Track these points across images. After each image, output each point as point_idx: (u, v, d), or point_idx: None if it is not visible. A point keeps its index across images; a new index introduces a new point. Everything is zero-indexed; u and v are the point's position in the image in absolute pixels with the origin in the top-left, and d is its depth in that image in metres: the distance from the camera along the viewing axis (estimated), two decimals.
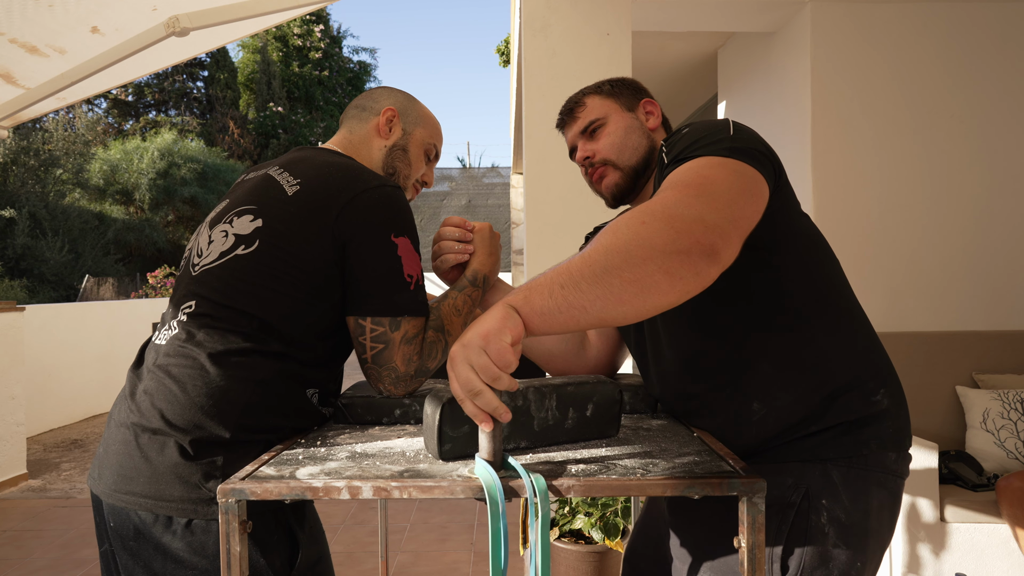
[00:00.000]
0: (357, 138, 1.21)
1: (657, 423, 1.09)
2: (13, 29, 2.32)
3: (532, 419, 0.92)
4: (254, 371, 0.98)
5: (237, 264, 1.01)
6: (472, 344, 0.73)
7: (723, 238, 0.77)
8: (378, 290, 1.03)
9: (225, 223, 1.06)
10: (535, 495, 0.75)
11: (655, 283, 0.73)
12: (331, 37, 24.26)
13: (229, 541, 0.78)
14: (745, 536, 0.76)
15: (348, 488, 0.78)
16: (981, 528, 2.14)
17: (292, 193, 1.03)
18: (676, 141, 0.98)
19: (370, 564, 2.83)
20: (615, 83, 1.21)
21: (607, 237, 0.76)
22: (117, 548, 0.97)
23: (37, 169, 15.31)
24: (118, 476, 0.95)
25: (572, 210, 2.71)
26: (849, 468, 0.94)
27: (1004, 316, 2.83)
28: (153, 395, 0.97)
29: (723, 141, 0.92)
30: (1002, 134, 2.85)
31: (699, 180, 0.84)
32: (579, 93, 1.22)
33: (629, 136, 1.16)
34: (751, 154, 0.91)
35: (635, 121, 1.17)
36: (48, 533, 3.29)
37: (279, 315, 1.00)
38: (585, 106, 1.19)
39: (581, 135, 1.20)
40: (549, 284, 0.74)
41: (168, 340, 1.02)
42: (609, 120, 1.17)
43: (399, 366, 1.05)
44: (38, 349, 5.41)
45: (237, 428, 0.96)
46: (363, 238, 1.01)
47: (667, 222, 0.76)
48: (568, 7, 2.73)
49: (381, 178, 1.07)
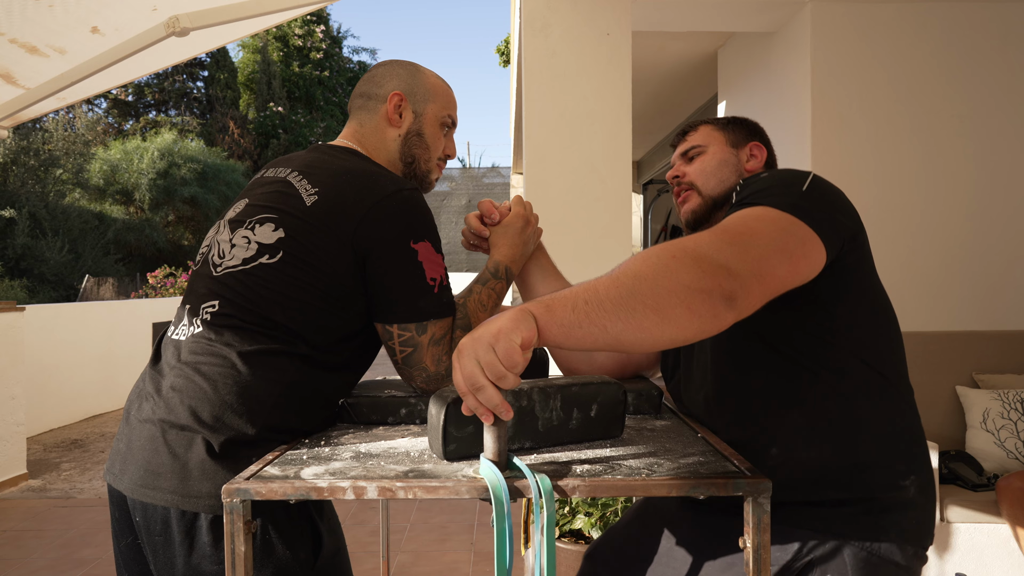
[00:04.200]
0: (368, 131, 1.19)
1: (661, 424, 1.09)
2: (13, 29, 2.32)
3: (536, 419, 0.92)
4: (283, 372, 0.99)
5: (262, 272, 1.02)
6: (482, 340, 0.73)
7: (743, 289, 0.78)
8: (402, 298, 1.04)
9: (247, 229, 1.06)
10: (540, 495, 0.75)
11: (675, 316, 0.74)
12: (332, 37, 24.26)
13: (234, 541, 0.78)
14: (750, 536, 0.75)
15: (353, 488, 0.78)
16: (981, 528, 2.14)
17: (310, 204, 1.04)
18: (752, 182, 0.99)
19: (370, 564, 2.83)
20: (734, 120, 1.24)
21: (638, 264, 0.77)
22: (144, 542, 0.99)
23: (37, 169, 15.30)
24: (144, 472, 0.96)
25: (572, 210, 2.72)
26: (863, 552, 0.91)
27: (1004, 316, 2.83)
28: (182, 392, 0.98)
29: (791, 196, 0.92)
30: (1003, 134, 2.85)
31: (741, 228, 0.85)
32: (697, 120, 1.27)
33: (721, 169, 1.19)
34: (814, 215, 0.89)
35: (733, 157, 1.20)
36: (48, 533, 3.29)
37: (305, 322, 1.01)
38: (696, 131, 1.24)
39: (681, 156, 1.24)
40: (574, 298, 0.75)
41: (192, 337, 1.03)
42: (708, 149, 1.21)
43: (429, 366, 1.06)
44: (38, 349, 5.40)
45: (263, 427, 0.97)
46: (382, 249, 1.02)
47: (695, 261, 0.77)
48: (568, 7, 2.73)
49: (396, 181, 1.06)
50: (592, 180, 2.72)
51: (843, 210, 0.96)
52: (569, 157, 2.73)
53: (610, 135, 2.73)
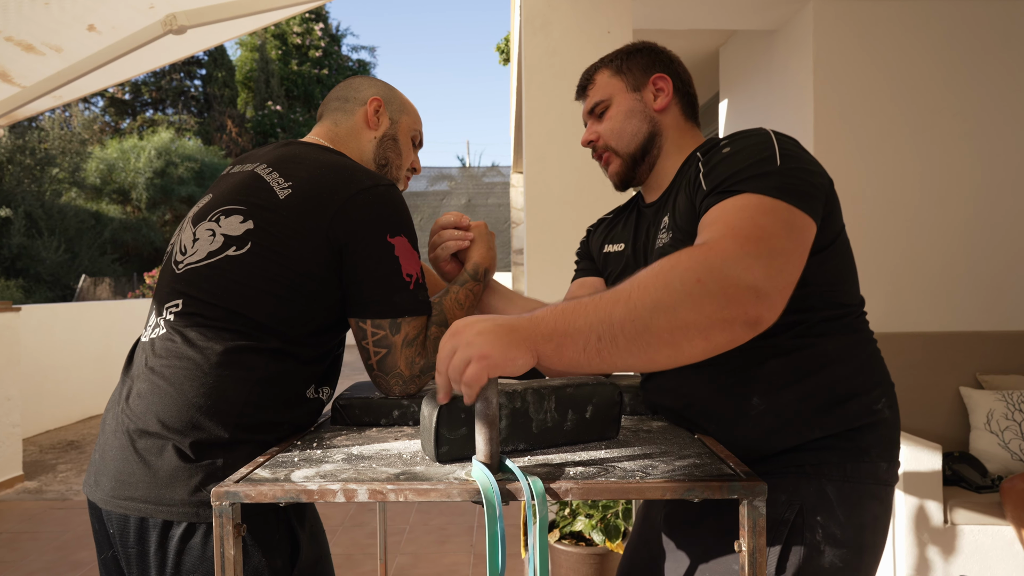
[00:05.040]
0: (344, 130, 1.19)
1: (657, 425, 1.07)
2: (9, 27, 2.30)
3: (531, 421, 0.91)
4: (252, 369, 0.96)
5: (228, 265, 0.98)
6: (473, 344, 0.72)
7: (771, 310, 0.75)
8: (377, 292, 1.02)
9: (211, 221, 1.03)
10: (533, 498, 0.74)
11: (691, 347, 0.72)
12: (330, 35, 24.24)
13: (223, 545, 0.76)
14: (746, 540, 0.74)
15: (344, 491, 0.76)
16: (985, 530, 2.13)
17: (284, 197, 1.01)
18: (716, 162, 0.94)
19: (368, 566, 2.81)
20: (628, 55, 1.15)
21: (659, 288, 0.73)
22: (120, 554, 0.96)
23: (33, 168, 15.28)
24: (116, 482, 0.94)
25: (572, 209, 2.70)
26: (844, 482, 0.93)
27: (1008, 316, 2.82)
28: (147, 398, 0.95)
29: (772, 176, 0.87)
30: (1005, 132, 2.84)
31: (757, 233, 0.80)
32: (592, 67, 1.18)
33: (629, 121, 1.12)
34: (802, 193, 0.86)
35: (638, 103, 1.12)
36: (44, 535, 3.27)
37: (273, 316, 0.98)
38: (595, 84, 1.16)
39: (590, 115, 1.18)
40: (586, 335, 0.72)
41: (157, 340, 1.00)
42: (613, 102, 1.14)
43: (404, 371, 1.04)
44: (34, 349, 5.38)
45: (236, 428, 0.94)
46: (359, 241, 1.00)
47: (723, 288, 0.73)
48: (568, 5, 2.71)
49: (374, 176, 1.05)
50: (592, 180, 2.71)
51: (815, 170, 0.92)
52: (569, 157, 2.71)
53: None
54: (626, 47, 1.17)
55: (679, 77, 1.14)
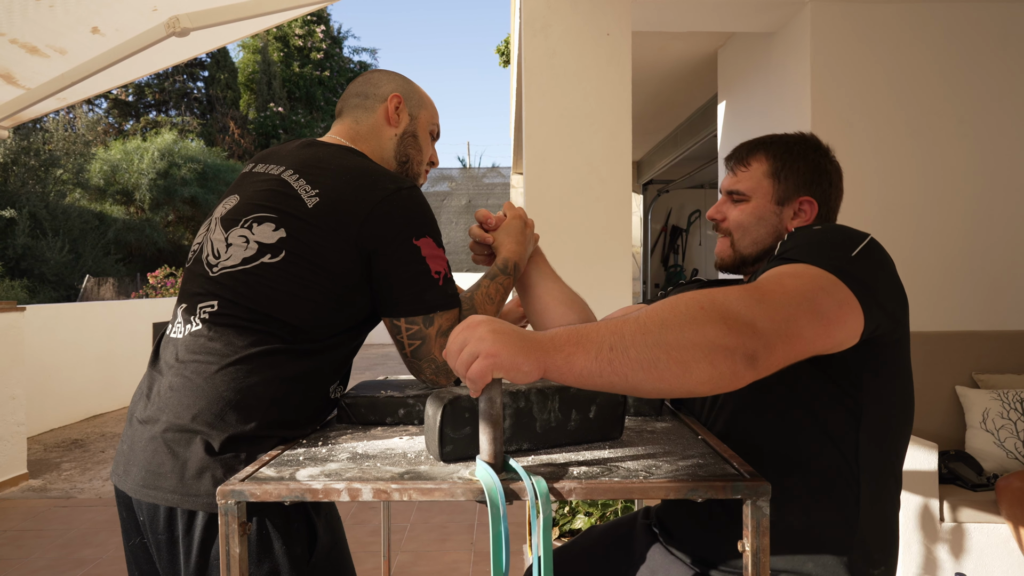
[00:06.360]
0: (365, 128, 1.21)
1: (661, 425, 1.08)
2: (14, 30, 2.32)
3: (535, 421, 0.92)
4: (282, 369, 1.01)
5: (264, 272, 1.02)
6: (484, 340, 0.73)
7: (767, 348, 0.76)
8: (408, 293, 1.06)
9: (243, 228, 1.06)
10: (536, 498, 0.75)
11: (697, 369, 0.73)
12: (332, 37, 24.23)
13: (229, 543, 0.78)
14: (749, 540, 0.75)
15: (348, 490, 0.78)
16: (981, 528, 2.14)
17: (312, 206, 1.05)
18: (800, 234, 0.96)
19: (370, 564, 2.82)
20: (792, 158, 1.14)
21: (666, 311, 0.76)
22: (150, 542, 1.01)
23: (37, 169, 15.29)
24: (146, 472, 0.98)
25: (572, 210, 2.71)
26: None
27: (1004, 316, 2.83)
28: (181, 391, 0.99)
29: (839, 259, 0.87)
30: (1003, 134, 2.85)
31: (773, 286, 0.82)
32: (755, 147, 1.17)
33: (759, 226, 1.14)
34: (857, 279, 0.85)
35: (775, 216, 1.13)
36: (48, 533, 3.29)
37: (308, 320, 1.03)
38: (748, 170, 1.16)
39: (727, 194, 1.18)
40: (598, 344, 0.73)
41: (189, 336, 1.04)
42: (752, 200, 1.14)
43: (438, 357, 1.08)
44: (39, 349, 5.40)
45: (261, 424, 0.98)
46: (387, 247, 1.04)
47: (723, 317, 0.75)
48: (568, 7, 2.72)
49: (396, 179, 1.09)
50: (592, 180, 2.72)
51: (891, 284, 0.92)
52: (569, 157, 2.72)
53: (610, 135, 2.73)
54: (795, 143, 1.15)
55: (827, 202, 1.14)
